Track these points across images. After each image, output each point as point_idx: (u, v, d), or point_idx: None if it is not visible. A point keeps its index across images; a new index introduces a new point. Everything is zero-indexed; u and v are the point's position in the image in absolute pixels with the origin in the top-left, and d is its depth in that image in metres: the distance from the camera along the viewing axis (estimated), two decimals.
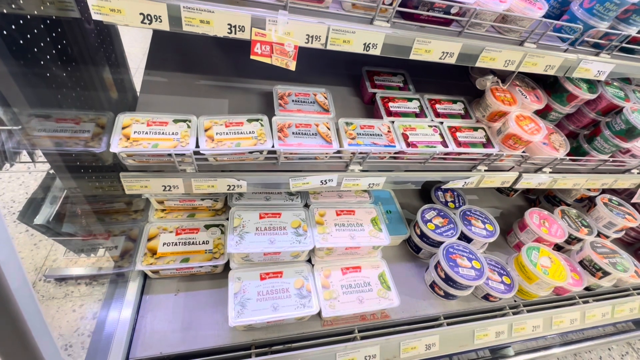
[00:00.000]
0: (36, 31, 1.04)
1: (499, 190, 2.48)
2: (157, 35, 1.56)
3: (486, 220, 1.88)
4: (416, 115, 1.43)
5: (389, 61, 1.57)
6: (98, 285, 2.01)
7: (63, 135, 1.10)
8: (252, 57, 0.90)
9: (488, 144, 1.41)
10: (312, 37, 0.90)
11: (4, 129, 1.02)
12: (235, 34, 0.86)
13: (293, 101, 1.31)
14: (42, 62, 1.08)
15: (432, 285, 1.72)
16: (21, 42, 0.98)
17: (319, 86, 1.40)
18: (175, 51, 1.52)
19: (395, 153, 1.29)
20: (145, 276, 1.53)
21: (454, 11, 1.00)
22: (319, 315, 1.47)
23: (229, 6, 0.82)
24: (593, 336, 2.11)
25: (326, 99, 1.36)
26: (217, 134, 1.12)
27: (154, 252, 1.46)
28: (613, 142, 1.53)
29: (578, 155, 1.63)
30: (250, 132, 1.15)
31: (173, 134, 1.09)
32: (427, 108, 1.46)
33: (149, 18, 0.80)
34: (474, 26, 1.07)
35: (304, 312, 1.38)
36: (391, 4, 0.92)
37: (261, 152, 1.14)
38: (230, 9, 0.82)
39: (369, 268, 1.59)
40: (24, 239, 2.13)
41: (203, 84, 1.40)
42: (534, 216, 1.96)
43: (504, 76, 1.45)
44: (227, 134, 1.13)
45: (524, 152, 1.45)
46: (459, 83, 1.76)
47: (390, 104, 1.42)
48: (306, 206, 1.59)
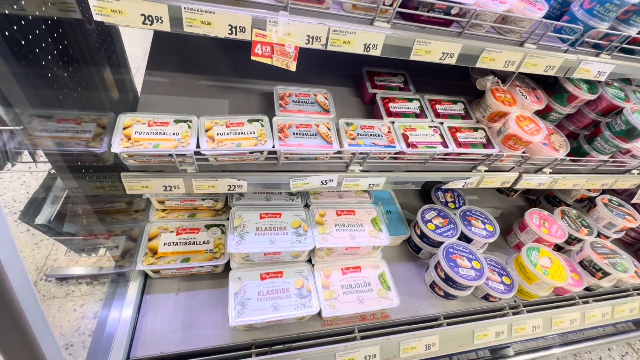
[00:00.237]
0: (38, 32, 1.04)
1: (499, 190, 2.48)
2: (158, 35, 1.56)
3: (486, 221, 1.88)
4: (416, 116, 1.43)
5: (389, 62, 1.57)
6: (99, 285, 2.02)
7: (64, 135, 1.10)
8: (252, 57, 0.90)
9: (488, 144, 1.41)
10: (312, 37, 0.90)
11: (6, 129, 1.03)
12: (236, 34, 0.86)
13: (293, 101, 1.31)
14: (43, 63, 1.08)
15: (432, 286, 1.72)
16: (23, 42, 0.98)
17: (319, 86, 1.41)
18: (176, 52, 1.52)
19: (396, 153, 1.29)
20: (146, 276, 1.53)
21: (454, 12, 1.00)
22: (319, 315, 1.47)
23: (229, 7, 0.82)
24: (593, 336, 2.11)
25: (326, 99, 1.36)
26: (217, 134, 1.13)
27: (154, 252, 1.46)
28: (613, 143, 1.53)
29: (578, 156, 1.63)
30: (250, 133, 1.15)
31: (174, 134, 1.09)
32: (427, 108, 1.46)
33: (150, 19, 0.81)
34: (474, 27, 1.07)
35: (304, 312, 1.38)
36: (391, 5, 0.93)
37: (262, 152, 1.14)
38: (231, 10, 0.82)
39: (369, 268, 1.59)
40: (25, 238, 2.14)
41: (204, 85, 1.40)
42: (534, 216, 1.96)
43: (504, 77, 1.45)
44: (227, 134, 1.14)
45: (524, 152, 1.45)
46: (459, 83, 1.76)
47: (391, 104, 1.43)
48: (306, 206, 1.60)
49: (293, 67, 0.92)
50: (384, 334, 1.53)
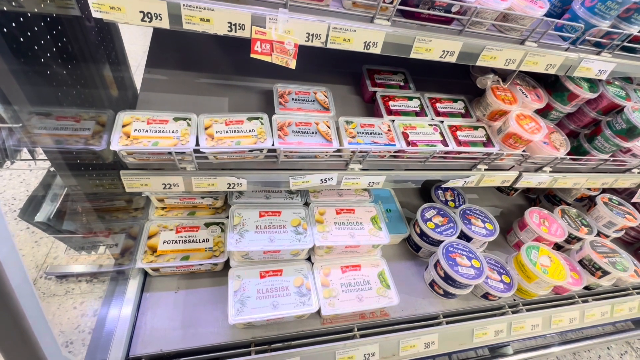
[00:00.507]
0: (36, 29, 1.04)
1: (499, 189, 2.48)
2: (157, 33, 1.55)
3: (486, 219, 1.88)
4: (416, 114, 1.42)
5: (389, 60, 1.57)
6: (99, 283, 2.02)
7: (63, 133, 1.10)
8: (252, 55, 0.89)
9: (488, 143, 1.41)
10: (312, 35, 0.90)
11: (5, 126, 1.02)
12: (236, 32, 0.86)
13: (293, 99, 1.31)
14: (42, 60, 1.08)
15: (432, 284, 1.72)
16: (22, 39, 0.98)
17: (319, 84, 1.40)
18: (175, 49, 1.52)
19: (396, 152, 1.29)
20: (145, 274, 1.53)
21: (454, 10, 0.99)
22: (318, 313, 1.47)
23: (229, 4, 0.82)
24: (592, 335, 2.11)
25: (326, 97, 1.36)
26: (217, 132, 1.12)
27: (154, 250, 1.46)
28: (614, 142, 1.53)
29: (578, 155, 1.63)
30: (250, 131, 1.15)
31: (173, 132, 1.09)
32: (427, 107, 1.46)
33: (149, 16, 0.80)
34: (474, 25, 1.07)
35: (304, 310, 1.38)
36: (392, 3, 0.92)
37: (261, 150, 1.14)
38: (231, 7, 0.81)
39: (368, 266, 1.59)
40: (25, 236, 2.14)
41: (203, 82, 1.40)
42: (533, 215, 1.96)
43: (504, 75, 1.45)
44: (227, 132, 1.13)
45: (524, 151, 1.45)
46: (460, 82, 1.75)
47: (391, 102, 1.42)
48: (306, 205, 1.59)
49: (293, 64, 0.91)
50: (383, 332, 1.53)
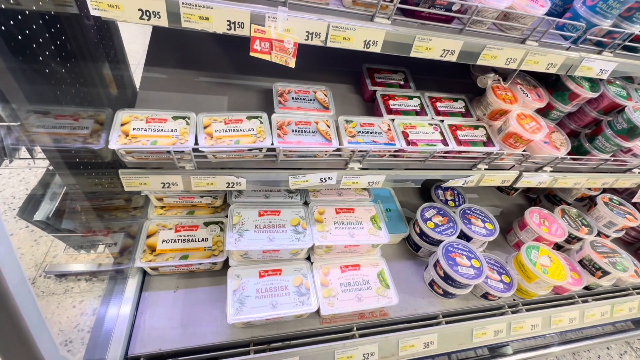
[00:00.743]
0: (35, 27, 1.03)
1: (499, 189, 2.47)
2: (156, 31, 1.55)
3: (486, 219, 1.88)
4: (416, 113, 1.42)
5: (389, 58, 1.56)
6: (98, 282, 2.02)
7: (62, 131, 1.10)
8: (251, 53, 0.89)
9: (489, 142, 1.40)
10: (312, 34, 0.89)
11: (3, 125, 1.02)
12: (235, 30, 0.85)
13: (293, 98, 1.30)
14: (40, 59, 1.07)
15: (431, 284, 1.72)
16: (19, 37, 0.97)
17: (319, 83, 1.40)
18: (175, 48, 1.51)
19: (395, 151, 1.28)
20: (144, 273, 1.53)
21: (455, 8, 0.99)
22: (317, 313, 1.47)
23: (228, 2, 0.81)
24: (592, 335, 2.11)
25: (326, 96, 1.35)
26: (216, 131, 1.12)
27: (153, 249, 1.46)
28: (614, 142, 1.52)
29: (579, 154, 1.62)
30: (249, 130, 1.15)
31: (172, 131, 1.09)
32: (427, 106, 1.45)
33: (148, 14, 0.80)
34: (475, 24, 1.06)
35: (303, 310, 1.38)
36: (392, 1, 0.91)
37: (260, 149, 1.13)
38: (230, 5, 0.81)
39: (368, 266, 1.59)
40: (24, 234, 2.14)
41: (202, 81, 1.39)
42: (534, 215, 1.95)
43: (505, 74, 1.44)
44: (226, 131, 1.13)
45: (524, 150, 1.44)
46: (460, 81, 1.75)
47: (391, 101, 1.42)
48: (305, 204, 1.59)
49: (292, 63, 0.91)
50: (382, 332, 1.53)
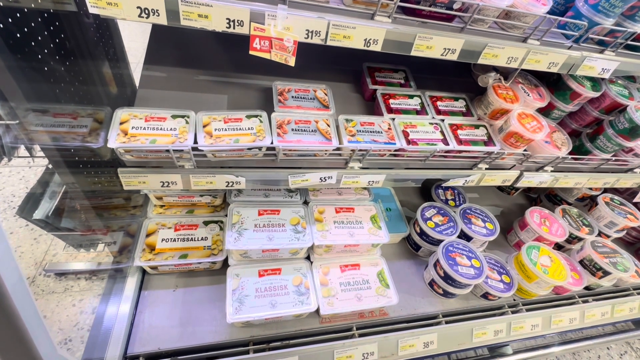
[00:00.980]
0: (33, 25, 1.03)
1: (499, 188, 2.46)
2: (156, 29, 1.54)
3: (486, 219, 1.87)
4: (417, 113, 1.41)
5: (390, 57, 1.55)
6: (97, 280, 2.02)
7: (60, 130, 1.09)
8: (251, 52, 0.88)
9: (489, 142, 1.39)
10: (311, 32, 0.89)
11: (2, 123, 1.01)
12: (234, 28, 0.85)
13: (293, 97, 1.30)
14: (39, 57, 1.07)
15: (431, 284, 1.71)
16: (18, 35, 0.97)
17: (319, 82, 1.39)
18: (174, 46, 1.50)
19: (396, 150, 1.27)
20: (143, 272, 1.52)
21: (456, 7, 0.98)
22: (317, 312, 1.46)
23: (227, 0, 0.80)
24: (592, 335, 2.11)
25: (326, 95, 1.34)
26: (215, 130, 1.11)
27: (152, 248, 1.45)
28: (616, 141, 1.52)
29: (580, 154, 1.62)
30: (249, 129, 1.14)
31: (171, 129, 1.08)
32: (428, 105, 1.45)
33: (147, 12, 0.79)
34: (476, 22, 1.06)
35: (302, 309, 1.38)
36: None
37: (260, 148, 1.13)
38: (229, 3, 0.80)
39: (367, 266, 1.58)
40: (24, 233, 2.14)
41: (202, 79, 1.38)
42: (534, 215, 1.94)
43: (506, 73, 1.43)
44: (225, 130, 1.12)
45: (525, 150, 1.43)
46: (461, 80, 1.74)
47: (391, 100, 1.41)
48: (305, 203, 1.58)
49: (292, 62, 0.90)
50: (382, 331, 1.53)
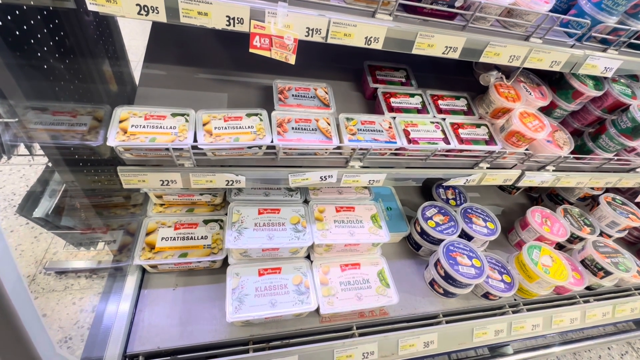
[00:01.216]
0: (33, 22, 1.02)
1: (501, 187, 2.46)
2: (156, 27, 1.54)
3: (487, 218, 1.87)
4: (418, 111, 1.40)
5: (391, 56, 1.54)
6: (97, 279, 2.02)
7: (60, 128, 1.09)
8: (251, 50, 0.88)
9: (491, 141, 1.39)
10: (312, 30, 0.88)
11: (1, 121, 1.01)
12: (234, 26, 0.84)
13: (293, 96, 1.29)
14: (38, 54, 1.06)
15: (432, 283, 1.71)
16: (17, 33, 0.96)
17: (319, 81, 1.38)
18: (174, 44, 1.50)
19: (396, 149, 1.27)
20: (143, 270, 1.52)
21: (458, 4, 0.97)
22: (317, 311, 1.46)
23: None
24: (593, 335, 2.10)
25: (327, 93, 1.34)
26: (215, 128, 1.11)
27: (152, 247, 1.45)
28: (618, 141, 1.51)
29: (582, 154, 1.61)
30: (249, 127, 1.13)
31: (171, 127, 1.08)
32: (429, 104, 1.44)
33: (146, 9, 0.79)
34: (478, 20, 1.05)
35: (302, 309, 1.38)
36: None
37: (260, 147, 1.12)
38: (229, 1, 0.80)
39: (368, 265, 1.58)
40: (24, 231, 2.14)
41: (202, 78, 1.38)
42: (535, 214, 1.94)
43: (508, 72, 1.43)
44: (225, 128, 1.12)
45: (527, 149, 1.43)
46: (463, 79, 1.73)
47: (392, 99, 1.40)
48: (305, 202, 1.58)
49: (292, 60, 0.90)
50: (382, 331, 1.52)
